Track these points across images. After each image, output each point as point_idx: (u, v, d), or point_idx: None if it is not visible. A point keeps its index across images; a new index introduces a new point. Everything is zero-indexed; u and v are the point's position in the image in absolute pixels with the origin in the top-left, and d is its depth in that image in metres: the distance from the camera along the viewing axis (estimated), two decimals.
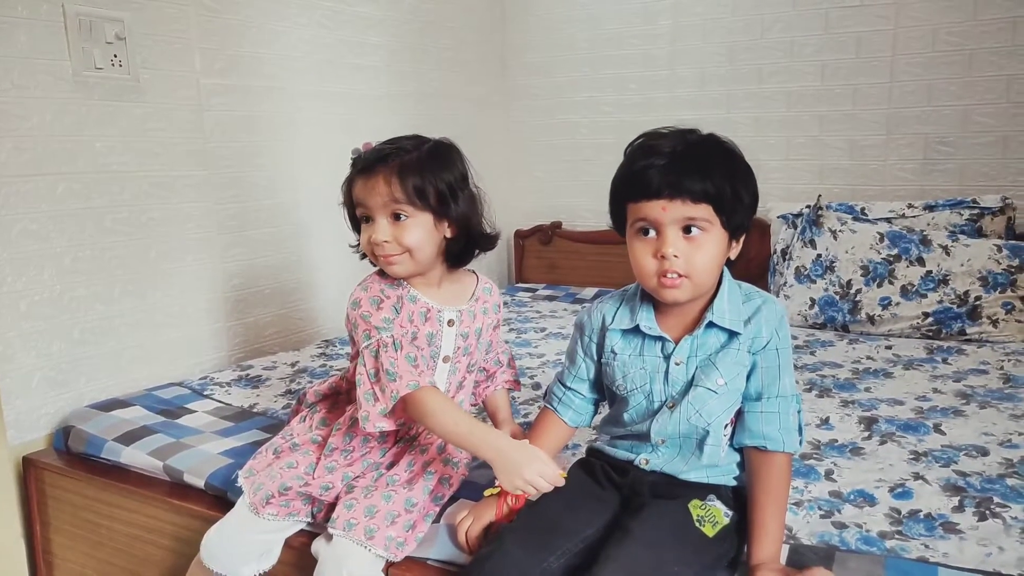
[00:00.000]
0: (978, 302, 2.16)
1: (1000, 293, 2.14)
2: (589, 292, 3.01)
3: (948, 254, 2.23)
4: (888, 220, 2.42)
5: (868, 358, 2.01)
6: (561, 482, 1.03)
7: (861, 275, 2.31)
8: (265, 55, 2.23)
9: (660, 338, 1.10)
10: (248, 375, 2.01)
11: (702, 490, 1.08)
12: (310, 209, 2.43)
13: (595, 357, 1.18)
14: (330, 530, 1.12)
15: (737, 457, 1.11)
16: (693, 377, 1.08)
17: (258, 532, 1.19)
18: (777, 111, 2.76)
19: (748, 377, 1.08)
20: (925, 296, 2.22)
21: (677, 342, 1.09)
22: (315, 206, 2.44)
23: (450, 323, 1.23)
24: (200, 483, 1.41)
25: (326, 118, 2.46)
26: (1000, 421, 1.51)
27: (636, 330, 1.12)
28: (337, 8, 2.47)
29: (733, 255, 1.10)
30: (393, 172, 1.17)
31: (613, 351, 1.13)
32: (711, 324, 1.07)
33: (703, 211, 1.02)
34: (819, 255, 2.38)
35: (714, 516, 1.05)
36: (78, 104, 1.79)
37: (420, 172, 1.18)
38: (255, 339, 2.29)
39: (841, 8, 2.61)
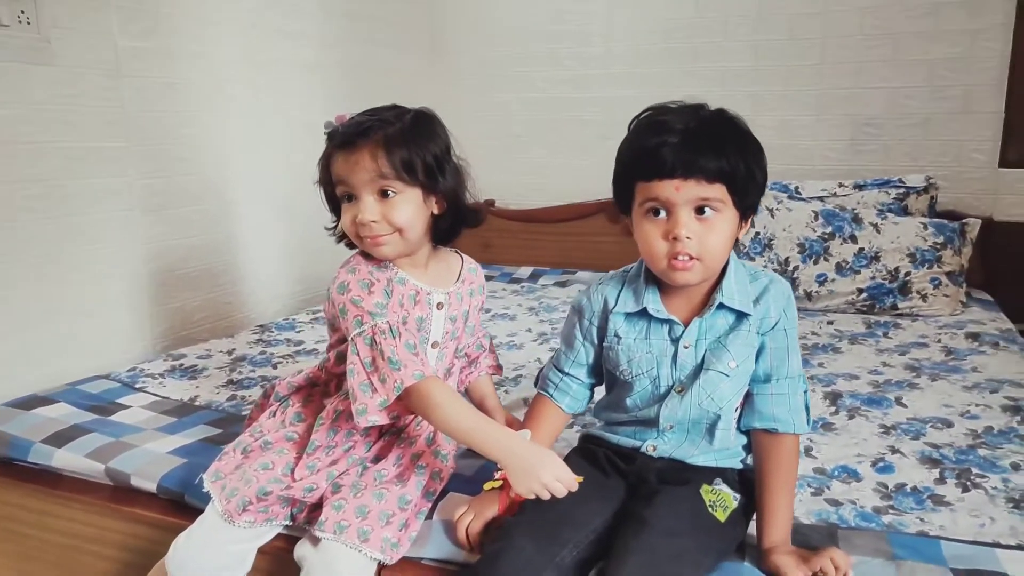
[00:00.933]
0: (908, 278, 2.25)
1: (928, 269, 2.25)
2: (525, 271, 2.97)
3: (878, 232, 2.32)
4: (821, 199, 2.49)
5: (813, 333, 2.07)
6: (576, 487, 0.98)
7: (798, 252, 2.37)
8: (187, 16, 2.06)
9: (668, 321, 1.07)
10: (182, 365, 1.86)
11: (710, 474, 1.06)
12: (239, 185, 2.27)
13: (596, 341, 1.13)
14: (317, 534, 1.03)
15: (744, 440, 1.09)
16: (703, 360, 1.05)
17: (232, 541, 1.09)
18: (712, 90, 2.78)
19: (756, 358, 1.06)
20: (859, 272, 2.30)
21: (685, 325, 1.06)
22: (245, 182, 2.29)
23: (439, 306, 1.16)
24: (151, 486, 1.28)
25: (253, 86, 2.30)
26: (955, 393, 1.57)
27: (642, 313, 1.08)
28: None
29: (742, 236, 1.07)
30: (379, 145, 1.08)
31: (617, 335, 1.09)
32: (721, 306, 1.04)
33: (717, 191, 0.99)
34: (758, 233, 2.42)
35: (724, 501, 1.03)
36: None
37: (407, 144, 1.09)
38: (182, 326, 2.13)
39: None
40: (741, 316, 1.05)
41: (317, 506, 1.11)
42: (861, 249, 2.31)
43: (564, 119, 3.04)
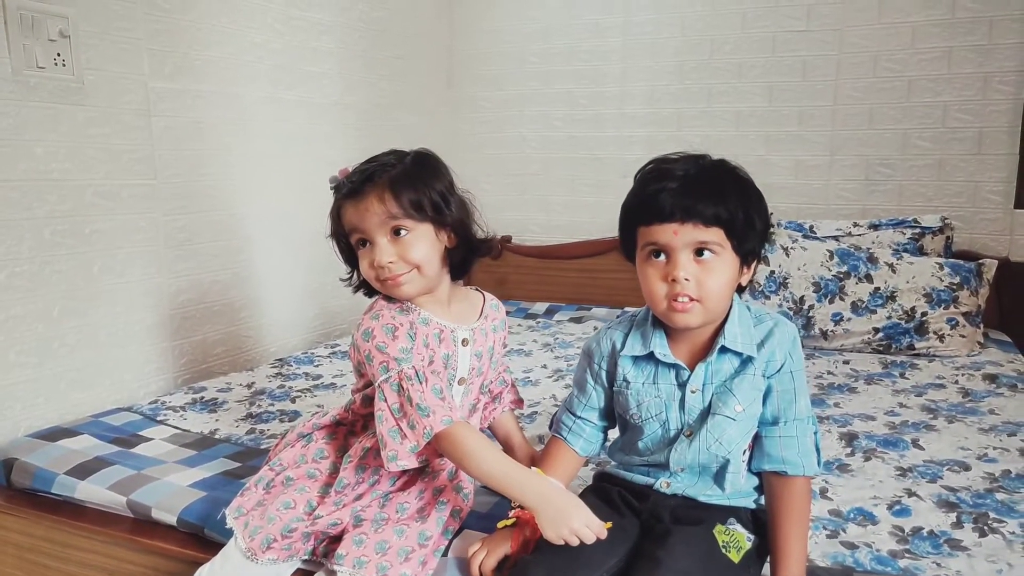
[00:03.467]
0: (924, 318, 2.25)
1: (944, 309, 2.24)
2: (541, 307, 2.99)
3: (894, 271, 2.33)
4: (836, 238, 2.51)
5: (829, 373, 2.07)
6: (605, 534, 0.99)
7: (813, 291, 2.37)
8: (216, 59, 2.12)
9: (674, 365, 1.08)
10: (203, 398, 1.88)
11: (723, 513, 1.07)
12: (260, 221, 2.32)
13: (606, 384, 1.15)
14: (335, 567, 1.05)
15: (755, 480, 1.10)
16: (710, 405, 1.06)
17: (250, 571, 1.10)
18: (725, 130, 2.83)
19: (763, 401, 1.07)
20: (875, 312, 2.30)
21: (691, 369, 1.07)
22: (265, 218, 2.33)
23: (464, 342, 1.18)
24: (172, 519, 1.30)
25: (277, 126, 2.36)
26: (971, 435, 1.57)
27: (649, 357, 1.09)
28: (290, 13, 2.37)
29: (744, 281, 1.08)
30: (385, 188, 1.11)
31: (626, 379, 1.10)
32: (724, 349, 1.06)
33: (715, 235, 1.01)
34: (772, 272, 2.44)
35: (738, 541, 1.04)
36: (18, 105, 1.64)
37: (411, 183, 1.13)
38: (203, 359, 2.16)
39: (788, 32, 2.70)
40: (746, 360, 1.06)
41: (335, 538, 1.12)
42: (877, 289, 2.32)
43: (580, 157, 3.08)
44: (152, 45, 1.93)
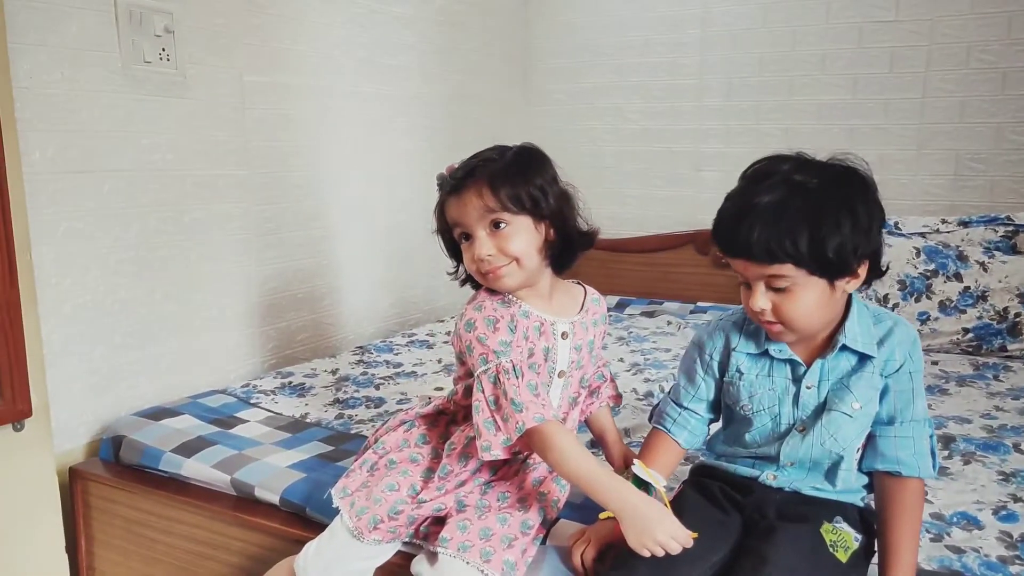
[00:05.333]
0: (1018, 319, 2.17)
1: None
2: (611, 300, 2.98)
3: (985, 270, 2.25)
4: (922, 235, 2.43)
5: None
6: (691, 543, 0.98)
7: (899, 289, 2.31)
8: (303, 52, 2.17)
9: (790, 361, 1.07)
10: (291, 383, 1.94)
11: (830, 508, 1.06)
12: (341, 212, 2.37)
13: (717, 376, 1.14)
14: (440, 551, 1.07)
15: (864, 479, 1.08)
16: (825, 401, 1.05)
17: (359, 558, 1.14)
18: (807, 123, 2.77)
19: (880, 400, 1.05)
20: (964, 312, 2.23)
21: (808, 365, 1.06)
22: (346, 209, 2.39)
23: (564, 336, 1.19)
24: (275, 499, 1.35)
25: (358, 118, 2.41)
26: None
27: (764, 353, 1.08)
28: (373, 6, 2.41)
29: (852, 288, 1.03)
30: (483, 182, 1.12)
31: (739, 371, 1.10)
32: (843, 347, 1.04)
33: (783, 269, 0.97)
34: None
35: (845, 541, 1.03)
36: (127, 98, 1.71)
37: (510, 177, 1.13)
38: (287, 344, 2.23)
39: (874, 23, 2.62)
40: (864, 358, 1.04)
41: (436, 521, 1.15)
42: (967, 288, 2.24)
43: (655, 150, 3.06)
44: (248, 40, 1.99)
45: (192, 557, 1.45)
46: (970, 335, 2.21)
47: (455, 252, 1.20)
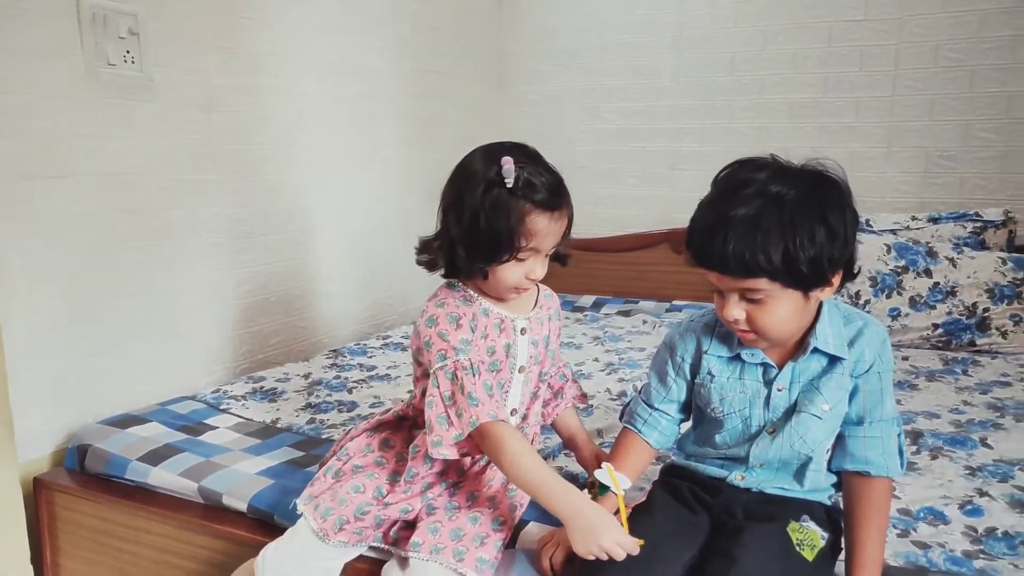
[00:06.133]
0: (987, 314, 2.20)
1: (1007, 305, 2.19)
2: (587, 300, 2.99)
3: (954, 266, 2.27)
4: (893, 232, 2.46)
5: None
6: (636, 551, 0.98)
7: (870, 286, 2.33)
8: (274, 54, 2.15)
9: (762, 363, 1.07)
10: (262, 388, 1.92)
11: (797, 507, 1.06)
12: (315, 215, 2.35)
13: (688, 377, 1.14)
14: (413, 556, 1.07)
15: (833, 478, 1.09)
16: (796, 403, 1.05)
17: (321, 559, 1.13)
18: (779, 122, 2.79)
19: (849, 401, 1.05)
20: (934, 307, 2.25)
21: (779, 367, 1.06)
22: (321, 211, 2.37)
23: (523, 331, 1.19)
24: (242, 506, 1.34)
25: (331, 121, 2.39)
26: None
27: (737, 357, 1.09)
28: (346, 9, 2.40)
29: (826, 296, 1.03)
30: (569, 209, 1.14)
31: (711, 373, 1.10)
32: (815, 350, 1.04)
33: (757, 283, 0.96)
34: None
35: (812, 539, 1.03)
36: (91, 102, 1.69)
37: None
38: (260, 349, 2.20)
39: (844, 22, 2.65)
40: (835, 359, 1.04)
41: (406, 526, 1.14)
42: (936, 283, 2.27)
43: (630, 150, 3.06)
44: (216, 42, 1.97)
45: (158, 566, 1.43)
46: (940, 330, 2.24)
47: (495, 250, 1.09)
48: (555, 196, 1.10)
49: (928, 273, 2.29)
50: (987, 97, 2.49)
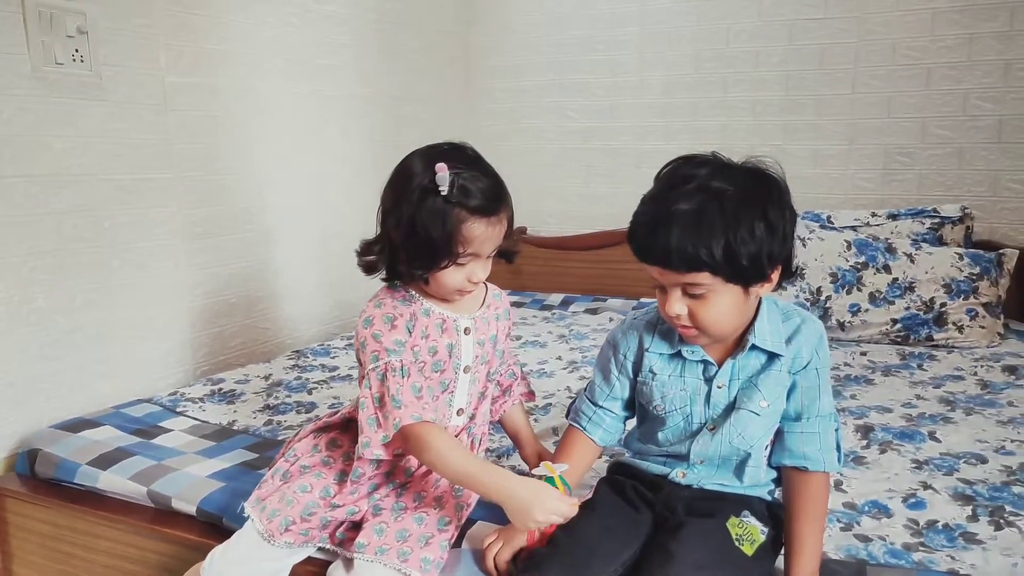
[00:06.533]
0: (943, 309, 2.23)
1: (963, 300, 2.22)
2: (556, 298, 2.99)
3: (912, 262, 2.30)
4: (854, 228, 2.49)
5: (846, 364, 2.05)
6: (575, 511, 1.01)
7: (830, 282, 2.36)
8: (231, 52, 2.13)
9: (702, 361, 1.08)
10: (221, 389, 1.91)
11: (737, 504, 1.07)
12: (276, 214, 2.33)
13: (631, 375, 1.15)
14: (358, 557, 1.06)
15: (773, 473, 1.10)
16: (735, 400, 1.06)
17: (267, 559, 1.12)
18: (743, 120, 2.81)
19: (787, 397, 1.06)
20: (893, 303, 2.28)
21: (719, 364, 1.07)
22: (281, 211, 2.35)
23: (466, 331, 1.19)
24: (191, 509, 1.32)
25: (292, 119, 2.37)
26: (989, 427, 1.55)
27: (678, 354, 1.09)
28: (306, 5, 2.38)
29: (765, 292, 1.05)
30: (508, 211, 1.13)
31: (652, 371, 1.10)
32: (753, 347, 1.05)
33: (699, 278, 0.98)
34: None
35: (751, 534, 1.04)
36: (37, 101, 1.66)
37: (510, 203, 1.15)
38: (221, 350, 2.19)
39: (806, 20, 2.67)
40: (773, 356, 1.06)
41: (352, 528, 1.14)
42: (895, 279, 2.30)
43: (596, 148, 3.07)
44: (169, 40, 1.95)
45: (110, 571, 1.41)
46: (898, 325, 2.27)
47: (435, 261, 1.09)
48: (492, 201, 1.09)
49: (887, 269, 2.32)
50: (943, 95, 2.52)
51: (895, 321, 2.27)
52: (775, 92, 2.75)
